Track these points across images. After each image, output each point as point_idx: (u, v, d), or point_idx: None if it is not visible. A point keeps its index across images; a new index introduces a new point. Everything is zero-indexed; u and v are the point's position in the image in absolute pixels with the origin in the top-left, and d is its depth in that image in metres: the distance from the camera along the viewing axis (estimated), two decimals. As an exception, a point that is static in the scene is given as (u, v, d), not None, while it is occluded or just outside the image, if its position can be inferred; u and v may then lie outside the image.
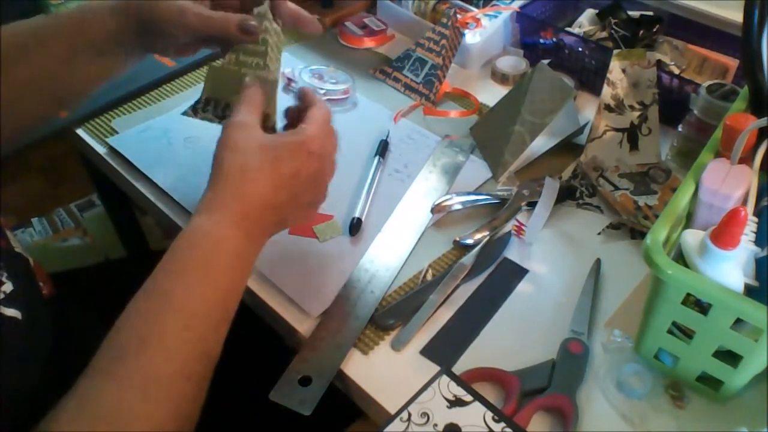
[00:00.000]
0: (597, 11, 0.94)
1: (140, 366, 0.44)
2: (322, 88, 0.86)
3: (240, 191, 0.51)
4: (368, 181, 0.74)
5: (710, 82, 0.73)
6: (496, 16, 0.95)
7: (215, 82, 0.63)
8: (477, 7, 0.98)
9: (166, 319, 0.46)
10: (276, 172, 0.52)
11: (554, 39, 0.90)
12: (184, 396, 0.46)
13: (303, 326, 0.60)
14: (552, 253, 0.68)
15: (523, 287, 0.64)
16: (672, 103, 0.79)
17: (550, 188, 0.69)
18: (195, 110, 0.63)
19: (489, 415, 0.50)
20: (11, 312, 0.52)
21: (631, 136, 0.78)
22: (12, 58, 0.63)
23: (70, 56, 0.64)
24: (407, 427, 0.50)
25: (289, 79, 0.89)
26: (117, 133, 0.81)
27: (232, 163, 0.51)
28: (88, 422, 0.42)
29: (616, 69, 0.80)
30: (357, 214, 0.70)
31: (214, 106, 0.63)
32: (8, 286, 0.53)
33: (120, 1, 0.64)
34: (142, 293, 0.47)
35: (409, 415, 0.50)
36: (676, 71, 0.85)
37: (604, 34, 0.91)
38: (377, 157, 0.77)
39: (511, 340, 0.59)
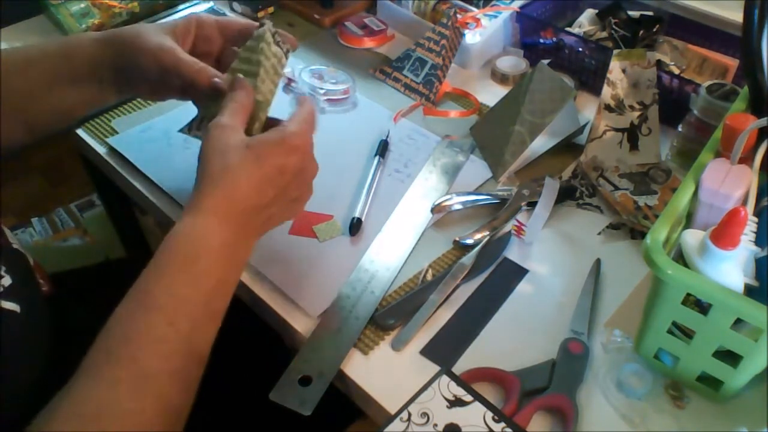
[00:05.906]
0: (597, 11, 0.94)
1: (127, 364, 0.45)
2: (322, 88, 0.86)
3: (224, 191, 0.51)
4: (368, 181, 0.74)
5: (710, 82, 0.73)
6: (496, 16, 0.95)
7: (210, 102, 0.63)
8: (477, 7, 0.98)
9: (150, 318, 0.47)
10: (259, 170, 0.52)
11: (554, 39, 0.90)
12: (170, 393, 0.46)
13: (303, 326, 0.60)
14: (552, 253, 0.68)
15: (523, 287, 0.64)
16: (672, 103, 0.79)
17: (550, 188, 0.68)
18: (190, 128, 0.64)
19: (489, 415, 0.50)
20: (10, 305, 0.52)
21: (631, 136, 0.78)
22: None
23: (50, 83, 0.65)
24: (407, 427, 0.50)
25: (289, 79, 0.89)
26: (117, 133, 0.81)
27: (215, 164, 0.52)
28: (78, 422, 0.42)
29: (616, 69, 0.80)
30: (357, 214, 0.70)
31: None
32: (7, 280, 0.53)
33: (105, 31, 0.65)
34: (129, 295, 0.48)
35: (409, 415, 0.50)
36: (676, 71, 0.85)
37: (604, 34, 0.91)
38: (377, 157, 0.77)
39: (511, 340, 0.59)
